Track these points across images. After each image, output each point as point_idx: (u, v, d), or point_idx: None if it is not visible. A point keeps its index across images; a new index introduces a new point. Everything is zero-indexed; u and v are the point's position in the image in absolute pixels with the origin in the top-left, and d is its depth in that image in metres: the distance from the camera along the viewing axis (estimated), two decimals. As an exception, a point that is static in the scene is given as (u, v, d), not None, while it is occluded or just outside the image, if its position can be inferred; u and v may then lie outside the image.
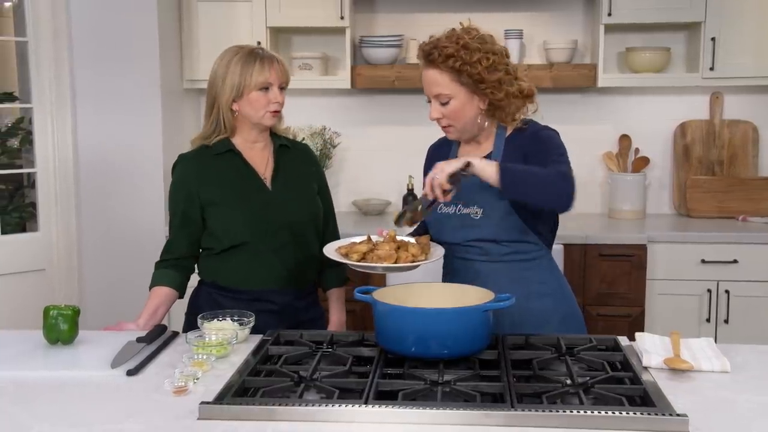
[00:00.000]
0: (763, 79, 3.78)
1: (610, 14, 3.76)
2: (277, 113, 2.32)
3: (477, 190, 2.16)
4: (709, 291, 3.60)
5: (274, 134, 2.43)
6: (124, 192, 3.76)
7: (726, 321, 3.59)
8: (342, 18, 3.84)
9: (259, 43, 3.78)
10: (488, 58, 2.11)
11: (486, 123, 2.21)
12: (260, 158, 2.39)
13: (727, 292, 3.59)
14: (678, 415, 1.52)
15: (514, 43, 3.94)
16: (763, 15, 3.74)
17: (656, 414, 1.52)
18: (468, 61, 2.09)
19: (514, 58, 3.96)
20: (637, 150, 4.08)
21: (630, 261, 3.57)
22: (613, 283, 3.58)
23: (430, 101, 2.18)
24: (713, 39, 3.73)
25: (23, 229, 3.90)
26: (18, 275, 3.58)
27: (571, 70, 3.89)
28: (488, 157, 2.20)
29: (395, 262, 2.04)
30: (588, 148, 4.10)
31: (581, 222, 3.82)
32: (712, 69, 3.75)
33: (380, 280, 3.04)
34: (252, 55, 2.28)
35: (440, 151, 2.37)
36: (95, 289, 3.77)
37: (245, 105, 2.29)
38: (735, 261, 3.57)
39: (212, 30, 3.88)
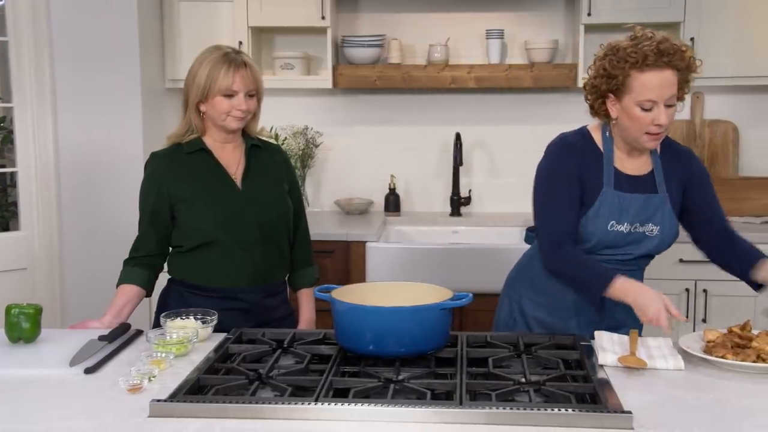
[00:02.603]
0: (742, 79, 3.78)
1: (589, 14, 3.77)
2: (241, 119, 2.31)
3: (654, 208, 2.21)
4: (687, 290, 3.60)
5: (246, 135, 2.44)
6: (105, 191, 3.76)
7: (704, 320, 3.59)
8: (323, 18, 3.85)
9: (240, 43, 3.80)
10: None
11: None
12: (231, 158, 2.39)
13: (705, 291, 3.59)
14: (623, 412, 1.53)
15: (495, 42, 3.95)
16: (743, 15, 3.74)
17: (601, 411, 1.53)
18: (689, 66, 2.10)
19: (495, 58, 4.05)
20: (618, 149, 4.08)
21: (608, 260, 3.56)
22: (591, 283, 3.58)
23: (648, 109, 2.07)
24: (692, 39, 3.73)
25: (6, 228, 3.92)
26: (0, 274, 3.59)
27: (551, 69, 3.90)
28: (651, 175, 2.24)
29: None
30: (569, 148, 4.10)
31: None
32: (691, 69, 3.75)
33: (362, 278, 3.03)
34: (222, 60, 2.27)
35: (588, 158, 2.20)
36: (77, 288, 3.77)
37: (210, 107, 2.30)
38: (713, 260, 3.57)
39: (194, 29, 3.89)
